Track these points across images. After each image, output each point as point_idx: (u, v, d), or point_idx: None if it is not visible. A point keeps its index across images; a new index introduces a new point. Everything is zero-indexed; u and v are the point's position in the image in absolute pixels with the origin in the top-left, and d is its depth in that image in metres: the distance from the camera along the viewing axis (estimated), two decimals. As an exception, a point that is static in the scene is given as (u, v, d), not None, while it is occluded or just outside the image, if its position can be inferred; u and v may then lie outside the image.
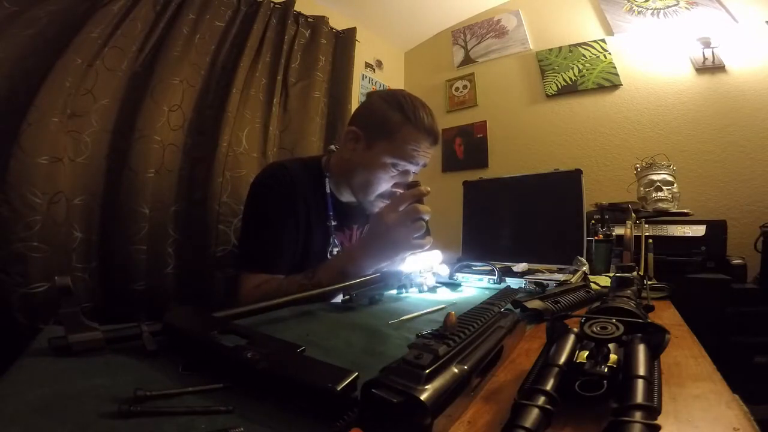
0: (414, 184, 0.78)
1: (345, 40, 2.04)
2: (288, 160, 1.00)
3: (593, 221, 1.35)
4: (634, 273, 0.59)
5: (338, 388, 0.29)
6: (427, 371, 0.27)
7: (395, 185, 0.88)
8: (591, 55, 2.06)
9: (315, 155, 1.05)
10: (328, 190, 0.89)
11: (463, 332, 0.33)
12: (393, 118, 0.83)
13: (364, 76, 2.39)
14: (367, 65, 2.44)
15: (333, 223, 0.88)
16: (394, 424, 0.26)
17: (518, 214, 1.53)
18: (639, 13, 1.96)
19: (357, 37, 2.07)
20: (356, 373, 0.31)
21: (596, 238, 1.23)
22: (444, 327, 0.33)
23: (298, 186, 0.86)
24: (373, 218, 0.84)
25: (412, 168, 0.88)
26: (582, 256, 1.12)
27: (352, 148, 0.87)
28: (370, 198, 0.88)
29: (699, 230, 1.40)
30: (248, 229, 0.90)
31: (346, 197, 0.95)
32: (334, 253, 0.88)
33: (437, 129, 0.87)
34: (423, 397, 0.25)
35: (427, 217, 0.74)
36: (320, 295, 0.66)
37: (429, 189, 0.77)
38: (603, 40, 2.04)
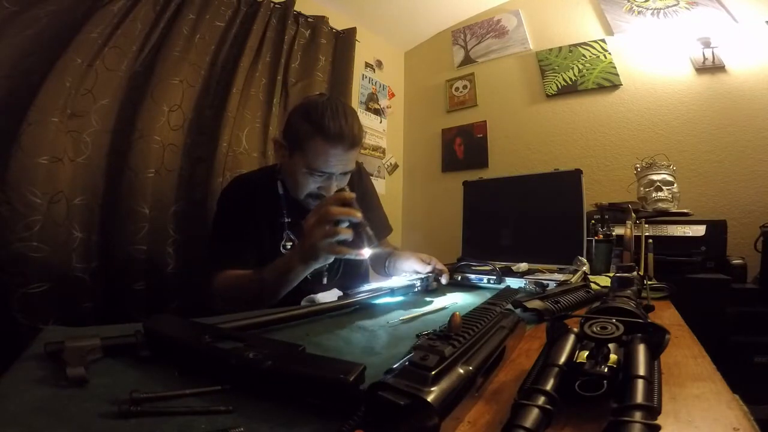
0: (339, 191, 0.78)
1: (345, 40, 2.04)
2: (248, 171, 1.14)
3: (593, 221, 1.34)
4: (634, 273, 0.59)
5: (350, 379, 0.29)
6: (433, 372, 0.27)
7: (320, 188, 0.91)
8: (591, 55, 2.06)
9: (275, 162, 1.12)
10: (281, 192, 0.97)
11: (467, 333, 0.33)
12: (302, 130, 0.86)
13: (364, 76, 2.39)
14: (367, 65, 2.44)
15: (287, 220, 0.96)
16: (400, 426, 0.26)
17: (518, 214, 1.53)
18: (639, 13, 1.96)
19: (357, 37, 2.07)
20: (363, 365, 0.30)
21: (596, 238, 1.22)
22: (449, 327, 0.33)
23: (254, 191, 0.98)
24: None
25: (331, 174, 0.89)
26: (582, 256, 1.12)
27: (280, 156, 0.96)
28: (300, 197, 0.94)
29: (699, 230, 1.40)
30: (213, 234, 1.00)
31: None
32: (287, 246, 0.95)
33: (351, 132, 0.86)
34: (430, 398, 0.25)
35: (354, 220, 0.73)
36: (320, 311, 0.63)
37: (352, 194, 0.75)
38: (603, 40, 2.04)
